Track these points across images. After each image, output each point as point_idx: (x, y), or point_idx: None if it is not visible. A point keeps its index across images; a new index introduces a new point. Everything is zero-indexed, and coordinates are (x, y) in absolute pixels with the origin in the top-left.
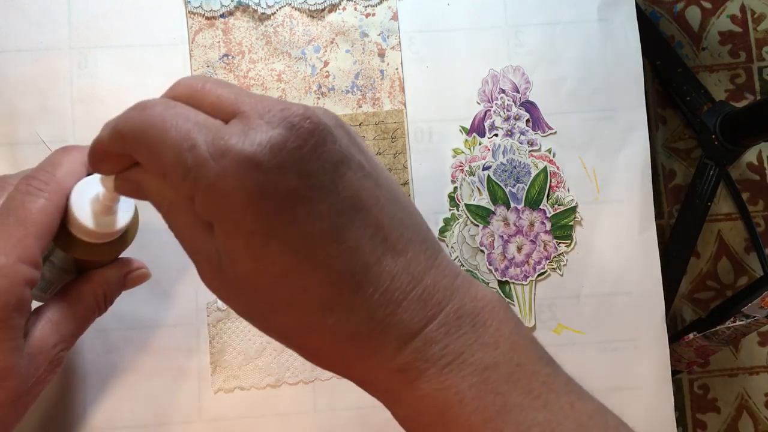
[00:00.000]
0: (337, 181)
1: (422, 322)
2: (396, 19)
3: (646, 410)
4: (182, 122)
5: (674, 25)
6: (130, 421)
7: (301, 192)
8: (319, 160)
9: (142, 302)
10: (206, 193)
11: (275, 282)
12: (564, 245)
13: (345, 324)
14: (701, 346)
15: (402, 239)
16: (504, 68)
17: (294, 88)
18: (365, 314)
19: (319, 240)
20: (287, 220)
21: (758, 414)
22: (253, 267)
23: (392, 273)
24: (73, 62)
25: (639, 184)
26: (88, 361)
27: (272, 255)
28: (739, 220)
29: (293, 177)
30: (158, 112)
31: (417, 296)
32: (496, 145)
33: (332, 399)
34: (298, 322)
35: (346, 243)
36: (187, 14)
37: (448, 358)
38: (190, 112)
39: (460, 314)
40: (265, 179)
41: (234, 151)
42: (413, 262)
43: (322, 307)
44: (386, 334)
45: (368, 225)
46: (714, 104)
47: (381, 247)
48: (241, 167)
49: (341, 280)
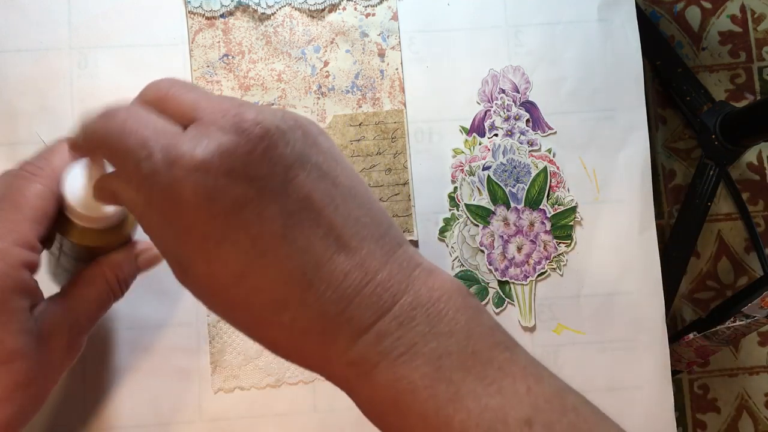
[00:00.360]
0: (288, 183)
1: (374, 316)
2: (396, 19)
3: (646, 410)
4: (141, 130)
5: (674, 25)
6: (130, 421)
7: (249, 195)
8: (269, 163)
9: (142, 302)
10: (160, 200)
11: (229, 283)
12: (564, 245)
13: (298, 321)
14: (701, 346)
15: (356, 237)
16: (504, 68)
17: (294, 88)
18: (317, 311)
19: (270, 241)
20: (237, 224)
21: (758, 414)
22: (207, 269)
23: (344, 270)
24: (73, 62)
25: (639, 184)
26: (88, 361)
27: (224, 257)
28: (739, 220)
29: (242, 181)
30: (120, 120)
31: (370, 291)
32: (496, 145)
33: (332, 399)
34: (255, 319)
35: (296, 243)
36: (187, 14)
37: (401, 349)
38: (151, 119)
39: (414, 305)
40: (214, 184)
41: (185, 158)
42: (368, 258)
43: (276, 304)
44: (339, 329)
45: (320, 225)
46: (714, 104)
47: (333, 245)
48: (191, 173)
49: (292, 280)
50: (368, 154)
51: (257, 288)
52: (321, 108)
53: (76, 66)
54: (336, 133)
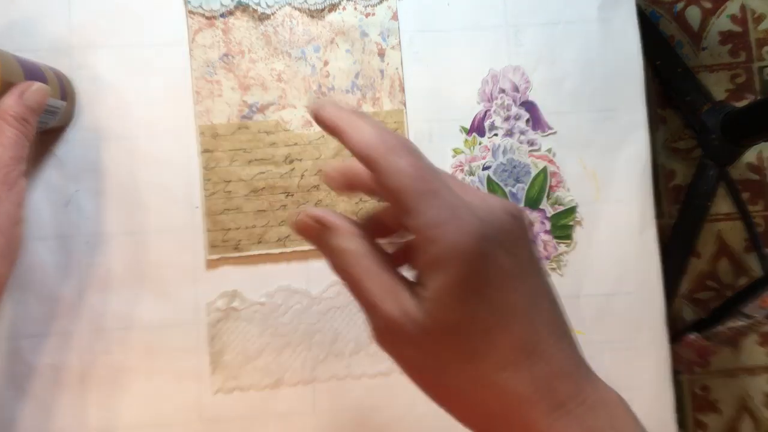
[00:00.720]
0: (536, 266)
1: (569, 397)
2: (396, 18)
3: (646, 410)
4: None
5: (674, 25)
6: (130, 421)
7: (512, 270)
8: (525, 246)
9: (142, 302)
10: (442, 250)
11: (469, 332)
12: (564, 245)
13: (510, 382)
14: (701, 347)
15: (565, 331)
16: (504, 68)
17: (294, 88)
18: (528, 379)
19: (514, 310)
20: (498, 286)
21: (759, 414)
22: (456, 316)
23: (554, 353)
24: (73, 62)
25: (639, 184)
26: (88, 361)
27: (477, 309)
28: (739, 220)
29: (508, 255)
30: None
31: (567, 374)
32: (496, 144)
33: (331, 400)
34: (472, 375)
35: (530, 319)
36: (187, 14)
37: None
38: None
39: (595, 400)
40: (490, 250)
41: (474, 224)
42: (569, 349)
43: (498, 365)
44: (540, 398)
45: (547, 311)
46: (714, 104)
47: (554, 334)
48: (474, 236)
49: (519, 348)
50: None
51: (491, 344)
52: None
53: (76, 66)
54: None
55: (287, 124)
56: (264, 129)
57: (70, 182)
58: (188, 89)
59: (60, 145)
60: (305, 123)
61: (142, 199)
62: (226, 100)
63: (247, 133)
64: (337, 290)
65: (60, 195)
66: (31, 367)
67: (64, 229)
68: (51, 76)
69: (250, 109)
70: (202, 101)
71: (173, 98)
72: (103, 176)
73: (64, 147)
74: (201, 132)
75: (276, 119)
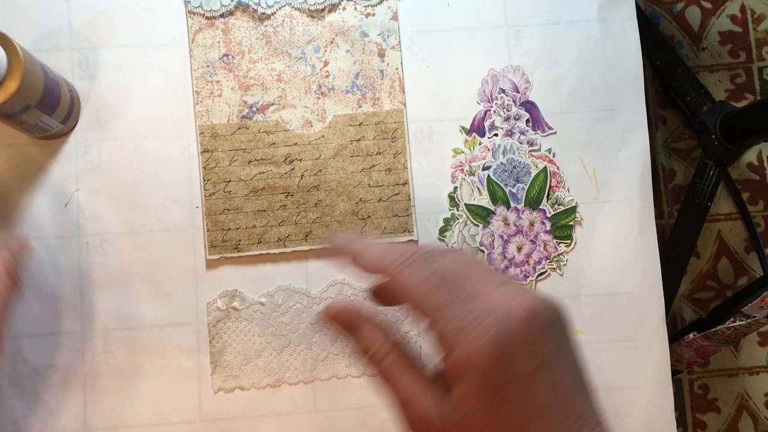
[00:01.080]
0: (562, 354)
1: None
2: (396, 19)
3: (646, 410)
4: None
5: (674, 25)
6: (130, 421)
7: (533, 368)
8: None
9: (142, 302)
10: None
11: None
12: (564, 245)
13: None
14: (701, 346)
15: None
16: (504, 68)
17: (294, 88)
18: None
19: (535, 408)
20: (518, 387)
21: (758, 414)
22: (481, 417)
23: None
24: (73, 62)
25: (639, 184)
26: (88, 361)
27: (505, 411)
28: (739, 220)
29: (528, 352)
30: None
31: None
32: (496, 145)
33: (332, 399)
34: None
35: (553, 416)
36: (187, 14)
37: None
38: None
39: None
40: (508, 353)
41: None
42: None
43: None
44: None
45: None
46: (714, 104)
47: (578, 422)
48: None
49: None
50: (368, 154)
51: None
52: (321, 108)
53: (76, 66)
54: (336, 133)
55: (287, 124)
56: (264, 129)
57: (70, 182)
58: (188, 89)
59: (60, 146)
60: (305, 123)
61: (142, 199)
62: (226, 100)
63: (246, 133)
64: (337, 290)
65: (60, 195)
66: (31, 367)
67: (64, 229)
68: (65, 93)
69: (250, 109)
70: (202, 101)
71: (173, 98)
72: (103, 176)
73: (65, 147)
74: (201, 132)
75: (276, 119)
